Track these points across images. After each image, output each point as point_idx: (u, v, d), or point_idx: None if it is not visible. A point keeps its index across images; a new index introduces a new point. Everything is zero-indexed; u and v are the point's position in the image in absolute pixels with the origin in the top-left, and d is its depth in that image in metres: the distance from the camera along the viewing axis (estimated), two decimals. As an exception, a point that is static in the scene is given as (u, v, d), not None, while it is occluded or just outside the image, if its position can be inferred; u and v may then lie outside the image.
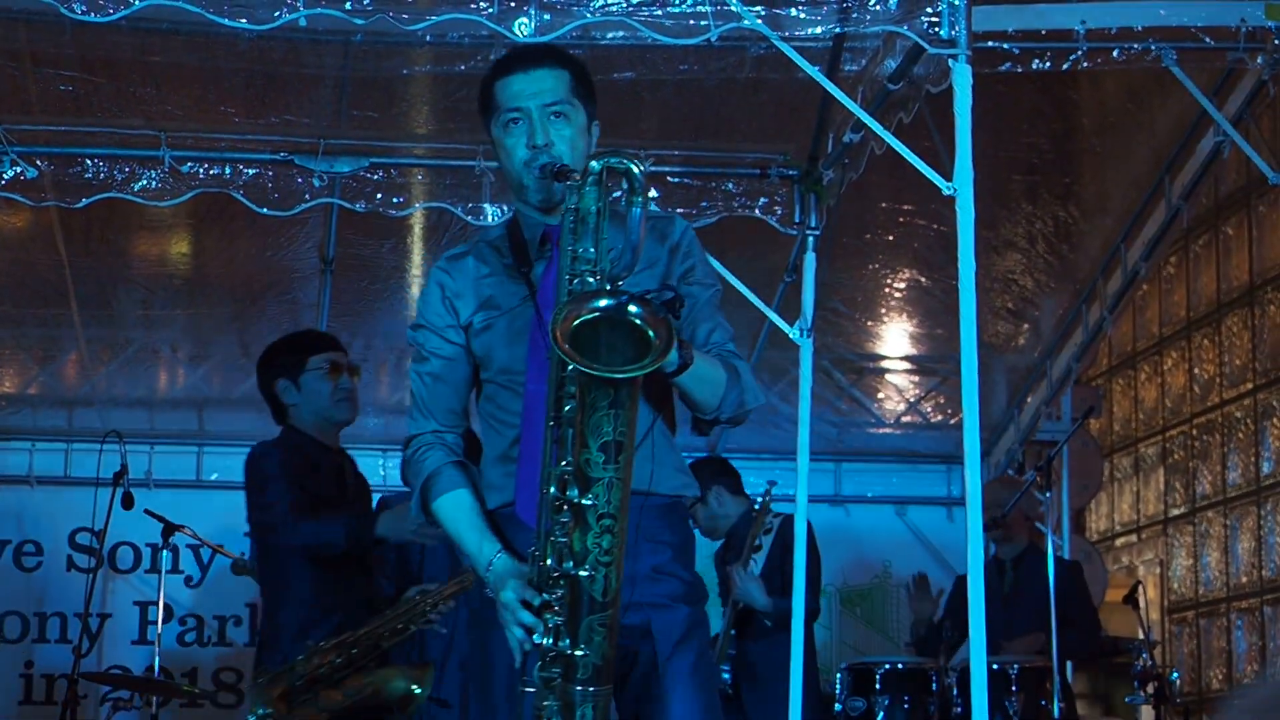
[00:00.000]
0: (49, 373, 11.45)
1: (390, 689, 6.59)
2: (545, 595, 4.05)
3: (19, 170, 8.23)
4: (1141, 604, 10.29)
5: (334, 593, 6.78)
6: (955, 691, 8.78)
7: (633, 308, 3.92)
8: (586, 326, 3.92)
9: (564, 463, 3.99)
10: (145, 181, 8.36)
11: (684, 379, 4.28)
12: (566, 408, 3.98)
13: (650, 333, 3.89)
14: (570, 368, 3.89)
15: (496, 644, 4.30)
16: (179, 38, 7.17)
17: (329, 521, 6.75)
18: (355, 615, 6.70)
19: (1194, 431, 13.51)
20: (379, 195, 8.48)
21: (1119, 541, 15.06)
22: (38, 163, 8.27)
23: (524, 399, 4.40)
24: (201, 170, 8.35)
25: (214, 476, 11.40)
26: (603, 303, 3.93)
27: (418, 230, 10.12)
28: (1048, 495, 9.70)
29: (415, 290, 11.04)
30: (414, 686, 6.67)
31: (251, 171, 8.37)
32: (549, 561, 4.03)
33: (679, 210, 8.20)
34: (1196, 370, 13.57)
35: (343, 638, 6.56)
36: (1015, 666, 8.86)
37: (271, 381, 7.12)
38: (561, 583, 4.02)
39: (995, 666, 8.58)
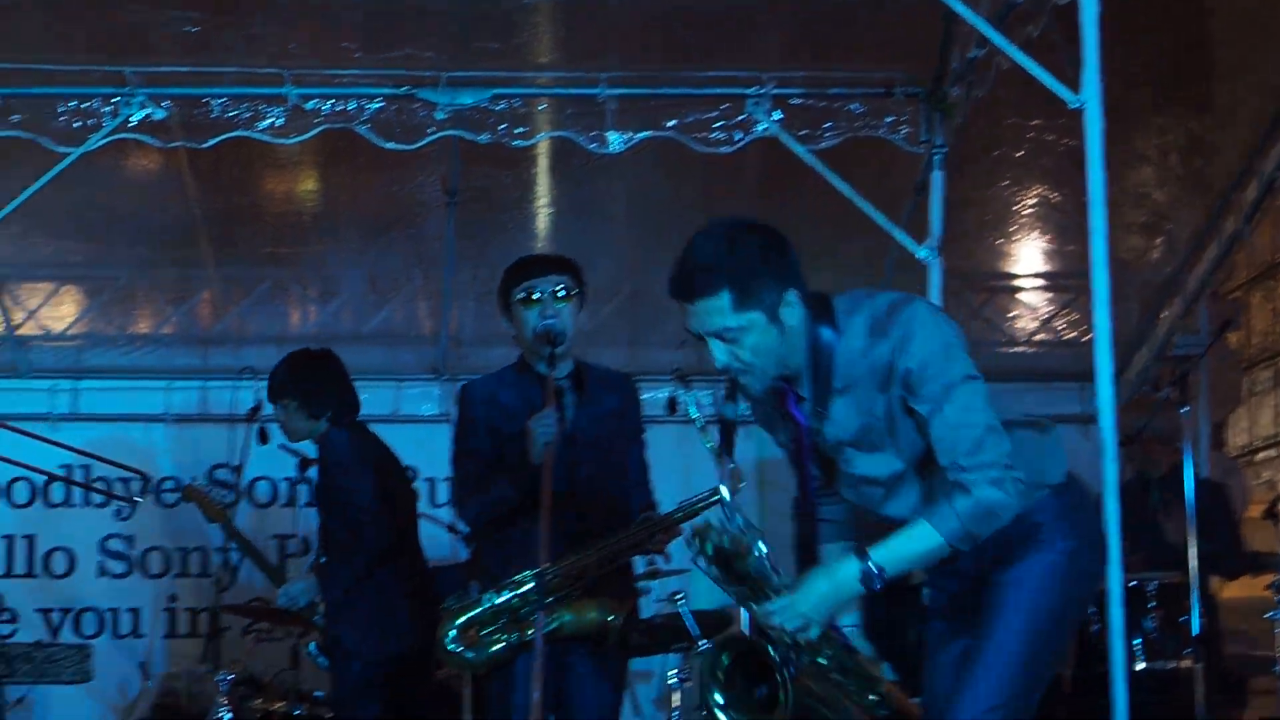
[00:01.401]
0: (182, 312, 11.60)
1: (585, 620, 6.56)
2: None
3: (147, 112, 8.36)
4: (1285, 514, 10.23)
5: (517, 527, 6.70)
6: (1092, 609, 8.76)
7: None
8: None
9: None
10: (271, 120, 8.47)
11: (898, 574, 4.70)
12: None
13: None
14: None
15: None
16: (299, -26, 7.24)
17: (496, 486, 6.69)
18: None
19: (1337, 341, 13.41)
20: (501, 126, 8.53)
21: (1259, 456, 14.95)
22: (165, 104, 8.38)
23: None
24: (325, 107, 8.44)
25: (347, 410, 11.51)
26: None
27: (542, 160, 10.15)
28: (1185, 411, 9.65)
29: (540, 220, 11.09)
30: (609, 616, 6.63)
31: (374, 106, 8.45)
32: None
33: (802, 133, 8.19)
34: (1338, 278, 13.45)
35: (541, 569, 6.46)
36: (1153, 583, 8.83)
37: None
38: None
39: (1133, 583, 8.56)
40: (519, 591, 6.52)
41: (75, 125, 8.40)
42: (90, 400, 11.64)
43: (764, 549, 4.79)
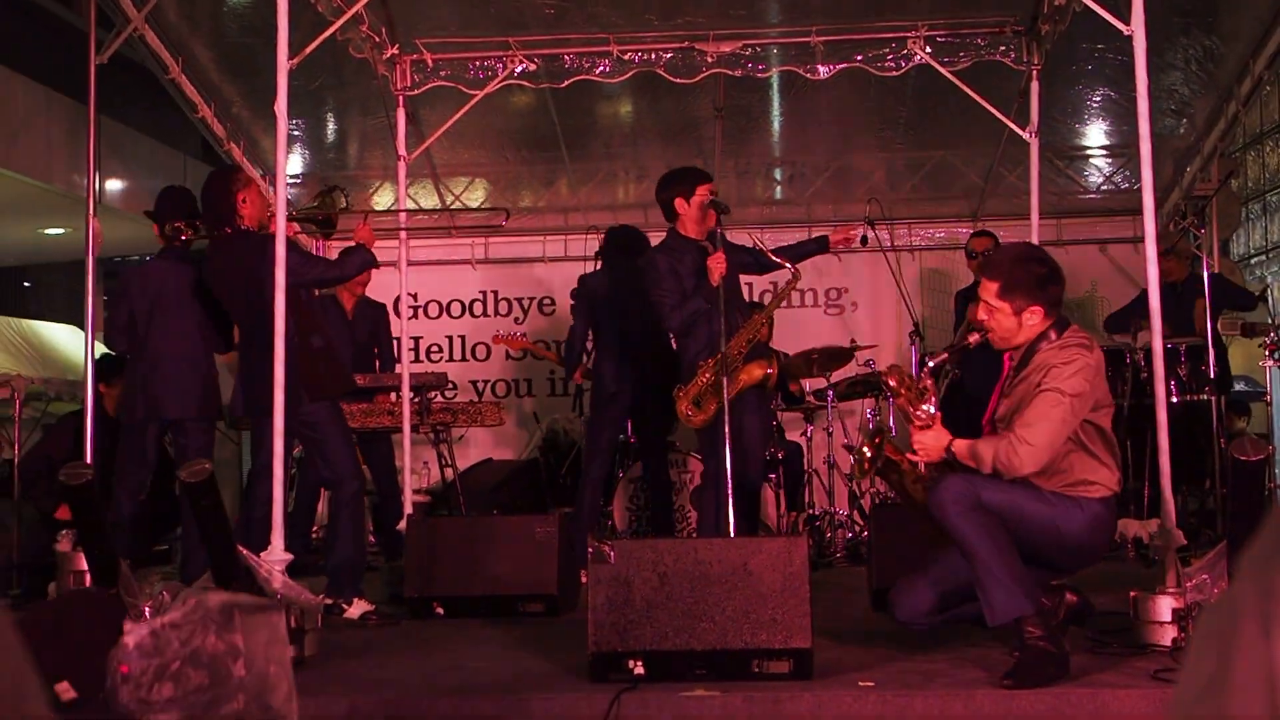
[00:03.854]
0: (551, 191, 11.79)
1: (753, 376, 6.71)
2: None
3: (524, 66, 8.48)
4: (1270, 298, 10.03)
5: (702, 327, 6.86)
6: (1142, 362, 8.67)
7: None
8: None
9: None
10: (602, 67, 8.54)
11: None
12: None
13: None
14: None
15: None
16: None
17: (689, 303, 6.82)
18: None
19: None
20: (749, 64, 8.52)
21: (1252, 260, 14.63)
22: (536, 60, 8.49)
23: None
24: (636, 57, 8.48)
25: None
26: None
27: (775, 85, 10.14)
28: (1202, 231, 9.46)
29: (774, 125, 11.08)
30: (768, 370, 6.78)
31: (668, 55, 8.48)
32: None
33: (944, 60, 8.09)
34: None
35: (717, 354, 6.64)
36: (1183, 345, 8.71)
37: (670, 199, 7.12)
38: None
39: (1169, 345, 8.45)
40: (715, 369, 6.64)
41: (480, 76, 8.55)
42: (495, 249, 11.92)
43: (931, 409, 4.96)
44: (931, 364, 5.03)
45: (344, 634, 5.96)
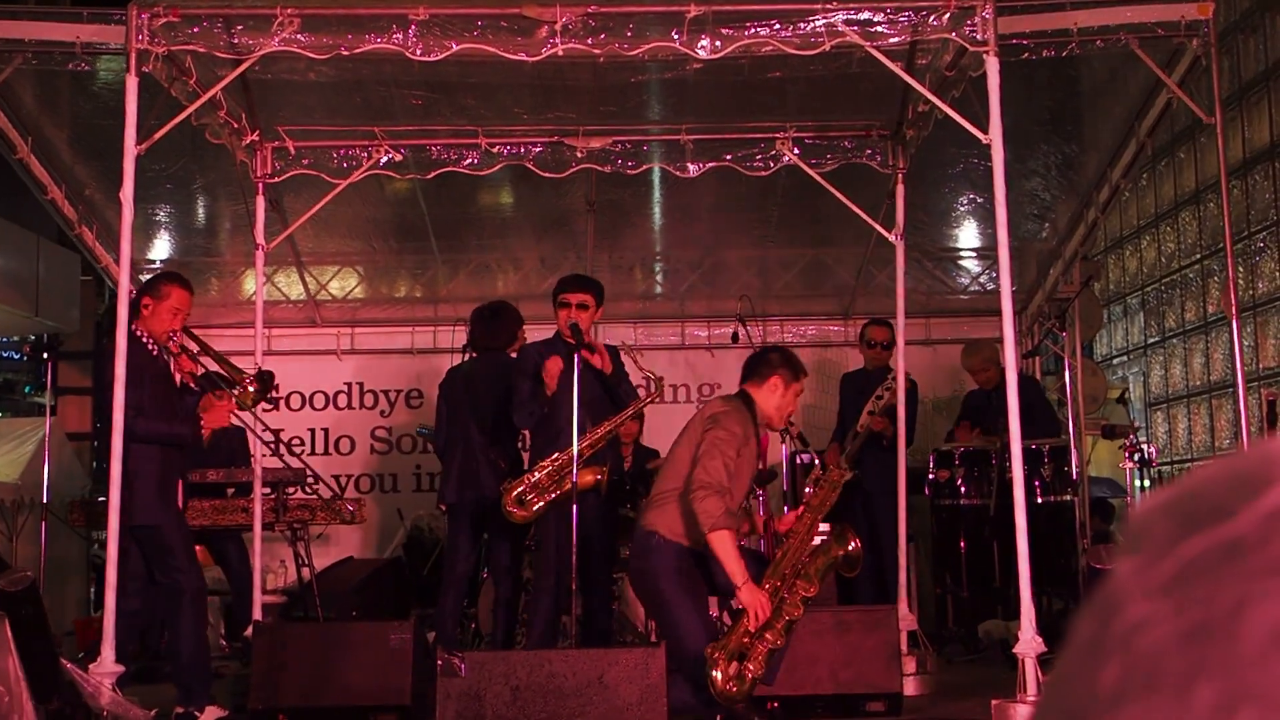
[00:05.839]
0: (422, 281, 11.61)
1: (584, 481, 6.72)
2: None
3: (390, 156, 8.33)
4: (1128, 400, 10.13)
5: (552, 427, 6.89)
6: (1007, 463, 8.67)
7: None
8: None
9: None
10: (470, 160, 8.43)
11: None
12: None
13: None
14: None
15: None
16: (486, 66, 7.16)
17: (536, 400, 6.96)
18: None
19: (1162, 287, 13.40)
20: (620, 160, 8.46)
21: (1114, 361, 14.86)
22: (402, 150, 8.35)
23: None
24: (506, 150, 8.38)
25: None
26: None
27: (647, 181, 10.11)
28: (1065, 333, 9.55)
29: (647, 220, 11.04)
30: (598, 477, 6.80)
31: (538, 149, 8.39)
32: None
33: (812, 161, 8.10)
34: (1162, 246, 13.43)
35: (555, 456, 6.71)
36: (1046, 446, 8.73)
37: None
38: None
39: (1033, 446, 8.48)
40: (546, 470, 6.78)
41: (344, 165, 8.39)
42: (362, 340, 11.66)
43: None
44: None
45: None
